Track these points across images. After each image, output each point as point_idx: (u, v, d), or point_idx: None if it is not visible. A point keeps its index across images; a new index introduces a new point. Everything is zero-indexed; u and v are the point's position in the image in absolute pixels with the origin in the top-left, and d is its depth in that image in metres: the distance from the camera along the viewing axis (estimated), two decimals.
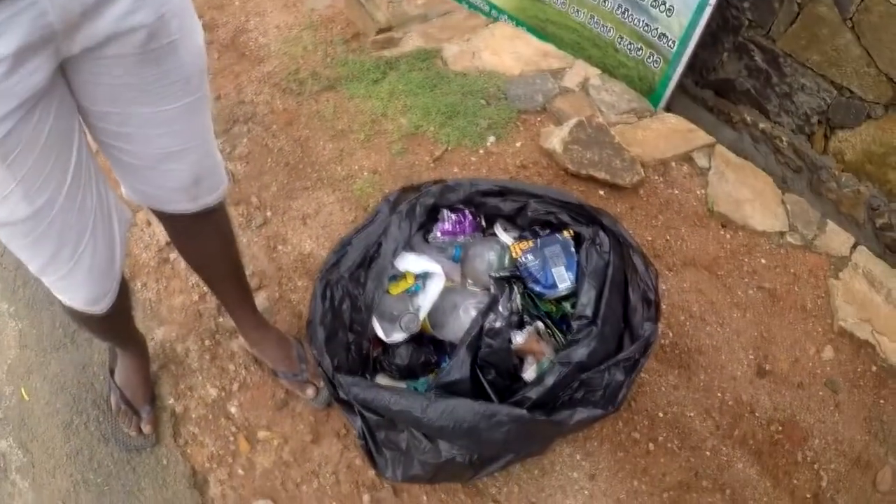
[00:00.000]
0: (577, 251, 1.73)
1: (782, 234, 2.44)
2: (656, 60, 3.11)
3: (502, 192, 1.80)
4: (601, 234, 1.68)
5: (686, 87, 3.45)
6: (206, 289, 2.04)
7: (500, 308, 1.60)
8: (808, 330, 2.18)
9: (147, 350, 1.88)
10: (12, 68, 0.91)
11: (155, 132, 1.19)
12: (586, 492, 1.75)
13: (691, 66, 3.26)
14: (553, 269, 1.68)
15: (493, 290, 1.67)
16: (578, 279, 1.68)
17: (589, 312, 1.54)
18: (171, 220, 1.48)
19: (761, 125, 3.20)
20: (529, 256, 1.71)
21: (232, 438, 1.81)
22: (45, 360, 2.00)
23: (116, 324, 1.61)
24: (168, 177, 1.30)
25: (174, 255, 2.18)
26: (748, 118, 3.25)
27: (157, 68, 1.10)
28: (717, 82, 3.32)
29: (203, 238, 1.55)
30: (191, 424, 1.83)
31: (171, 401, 1.87)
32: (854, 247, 2.48)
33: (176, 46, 1.10)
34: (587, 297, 1.56)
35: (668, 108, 3.18)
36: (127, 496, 1.73)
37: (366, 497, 1.72)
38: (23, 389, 1.95)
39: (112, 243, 1.29)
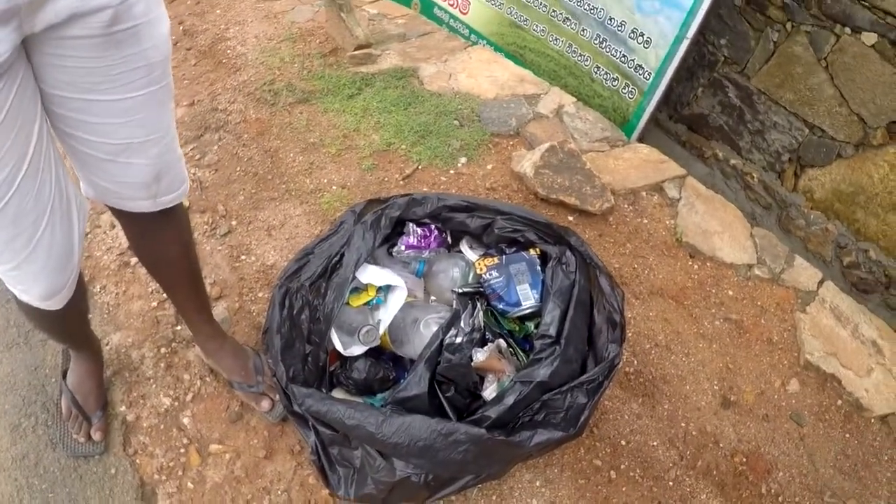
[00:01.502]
0: (543, 270, 1.70)
1: (750, 266, 2.43)
2: (631, 91, 3.12)
3: (469, 208, 1.78)
4: (568, 253, 1.65)
5: (660, 120, 3.47)
6: (165, 295, 1.98)
7: (462, 324, 1.55)
8: (773, 362, 2.16)
9: (101, 355, 1.83)
10: None
11: (115, 121, 1.17)
12: None
13: (666, 100, 3.28)
14: (518, 287, 1.65)
15: (455, 306, 1.63)
16: (543, 298, 1.65)
17: (553, 332, 1.51)
18: (129, 220, 1.44)
19: (732, 161, 3.22)
20: (494, 273, 1.68)
21: (183, 450, 1.75)
22: None
23: (72, 323, 1.57)
24: (128, 171, 1.26)
25: (135, 259, 2.14)
26: (720, 154, 3.27)
27: (119, 53, 1.08)
28: (691, 117, 3.35)
29: (161, 241, 1.51)
30: (141, 434, 1.77)
31: (123, 408, 1.81)
32: (821, 282, 2.47)
33: (139, 32, 1.09)
34: (551, 317, 1.53)
35: (641, 140, 3.20)
36: None
37: None
38: None
39: (70, 235, 1.25)
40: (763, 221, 3.17)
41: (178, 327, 1.98)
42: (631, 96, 3.12)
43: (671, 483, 1.83)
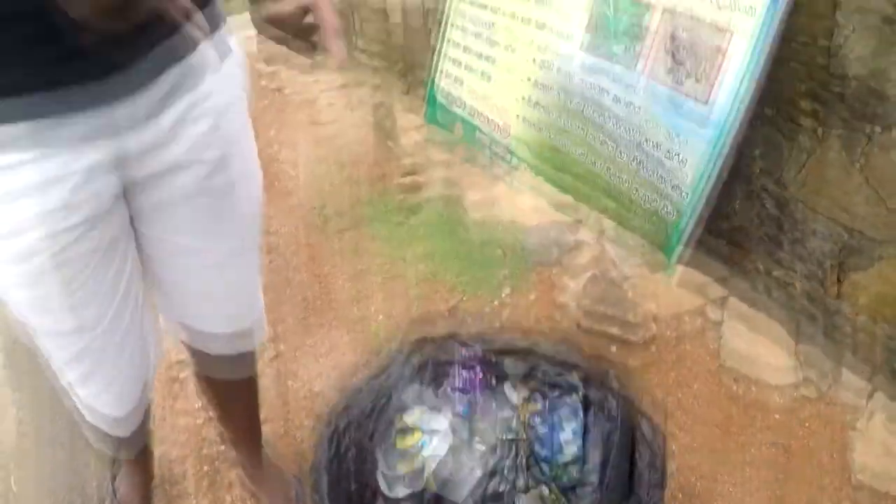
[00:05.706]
0: (586, 415, 1.76)
1: (796, 386, 2.40)
2: (670, 212, 3.15)
3: (514, 352, 1.85)
4: (609, 398, 1.70)
5: (699, 237, 3.48)
6: (211, 414, 2.00)
7: (506, 471, 1.62)
8: (823, 485, 2.10)
9: (153, 466, 1.84)
10: (84, 183, 0.95)
11: (200, 264, 1.21)
12: None
13: (704, 216, 3.30)
14: (560, 434, 1.70)
15: (499, 452, 1.69)
16: (585, 444, 1.70)
17: (594, 479, 1.55)
18: (206, 379, 1.52)
19: (774, 273, 3.19)
20: (537, 419, 1.74)
21: None
22: (39, 453, 1.95)
23: (133, 446, 1.61)
24: (205, 320, 1.32)
25: (184, 373, 2.16)
26: (761, 266, 3.24)
27: (211, 205, 1.14)
28: (730, 230, 3.33)
29: (234, 402, 1.60)
30: None
31: None
32: (871, 395, 2.42)
33: (234, 187, 1.15)
34: (593, 464, 1.57)
35: (681, 259, 3.21)
36: None
37: None
38: (12, 479, 1.90)
39: (145, 369, 1.29)
40: (808, 331, 3.12)
41: (223, 447, 1.99)
42: (670, 216, 3.15)
43: None
